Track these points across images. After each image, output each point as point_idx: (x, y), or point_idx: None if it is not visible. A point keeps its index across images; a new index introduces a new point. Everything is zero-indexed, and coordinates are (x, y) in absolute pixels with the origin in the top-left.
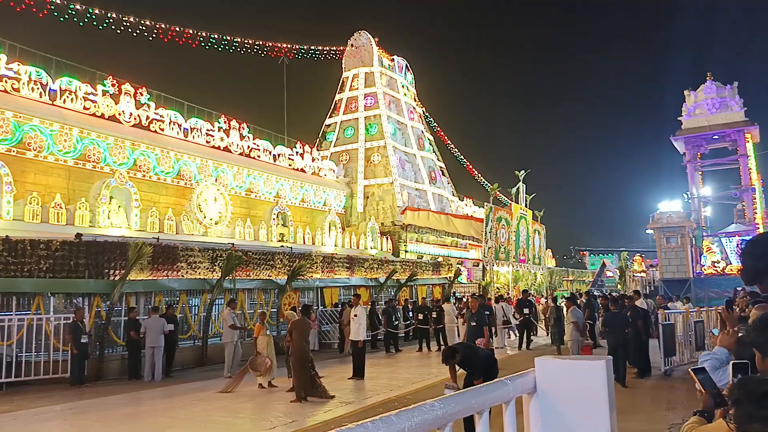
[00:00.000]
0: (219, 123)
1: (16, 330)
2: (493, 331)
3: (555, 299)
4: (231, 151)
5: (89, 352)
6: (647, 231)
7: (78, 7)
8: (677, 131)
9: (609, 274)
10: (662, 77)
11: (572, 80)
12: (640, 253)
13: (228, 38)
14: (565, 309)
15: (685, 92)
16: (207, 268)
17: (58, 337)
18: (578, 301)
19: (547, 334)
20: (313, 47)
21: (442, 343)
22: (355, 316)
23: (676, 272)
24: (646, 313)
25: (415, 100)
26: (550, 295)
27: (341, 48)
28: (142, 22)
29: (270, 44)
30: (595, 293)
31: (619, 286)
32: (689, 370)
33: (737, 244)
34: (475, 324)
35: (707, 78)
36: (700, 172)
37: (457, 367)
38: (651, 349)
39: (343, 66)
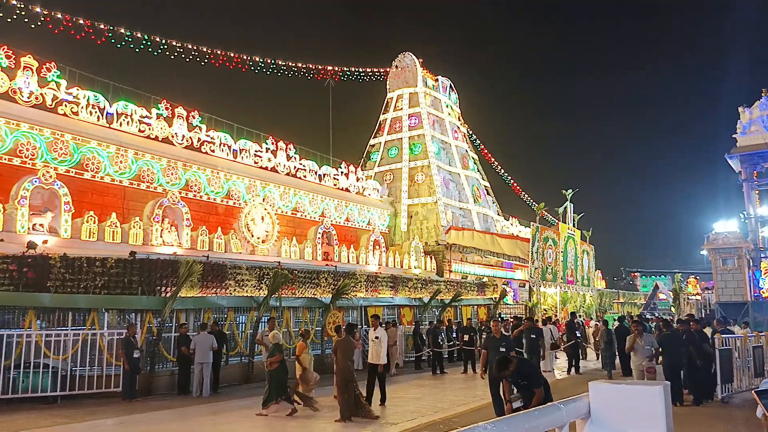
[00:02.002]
0: (267, 144)
1: (71, 344)
2: (541, 354)
3: (605, 322)
4: (278, 172)
5: (140, 367)
6: (702, 252)
7: (134, 34)
8: (732, 149)
9: (662, 296)
10: (716, 93)
11: (622, 97)
12: (695, 274)
13: (276, 62)
14: (633, 336)
15: (740, 109)
16: (254, 286)
17: (111, 352)
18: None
19: (597, 358)
20: (358, 69)
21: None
22: (376, 338)
23: (733, 295)
24: (701, 337)
25: (459, 120)
26: (600, 317)
27: (386, 69)
28: (195, 48)
29: (316, 67)
30: (647, 316)
31: (672, 309)
32: (753, 392)
33: None
34: (504, 350)
35: (762, 94)
36: (757, 191)
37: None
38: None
39: (388, 87)
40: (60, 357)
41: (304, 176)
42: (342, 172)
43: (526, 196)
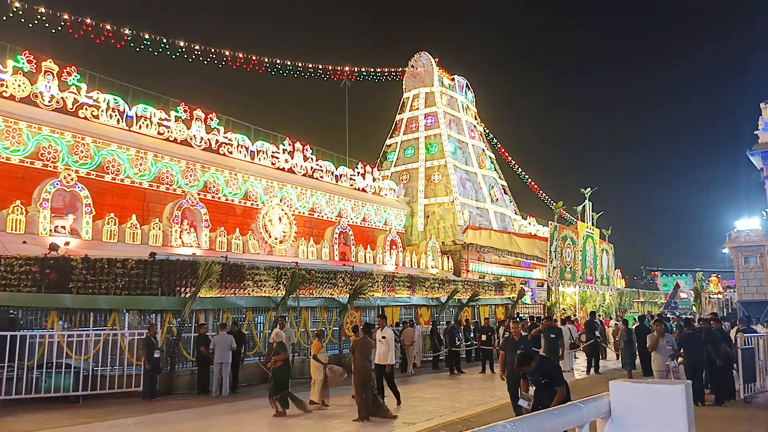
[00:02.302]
0: (284, 145)
1: (93, 345)
2: (560, 353)
3: (625, 321)
4: (295, 173)
5: (161, 366)
6: (724, 250)
7: (152, 37)
8: (754, 145)
9: (683, 295)
10: (738, 89)
11: (642, 93)
12: (717, 273)
13: (292, 63)
14: (655, 336)
15: (762, 105)
16: (272, 287)
17: (132, 352)
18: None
19: (617, 358)
20: (373, 69)
21: None
22: (383, 338)
23: (756, 294)
24: (722, 336)
25: (475, 119)
26: (620, 317)
27: (402, 69)
28: (212, 50)
29: (332, 68)
30: (668, 315)
31: (694, 308)
32: None
33: None
34: (521, 349)
35: None
36: None
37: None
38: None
39: (404, 87)
40: (82, 357)
41: (321, 177)
42: (358, 173)
43: (544, 195)
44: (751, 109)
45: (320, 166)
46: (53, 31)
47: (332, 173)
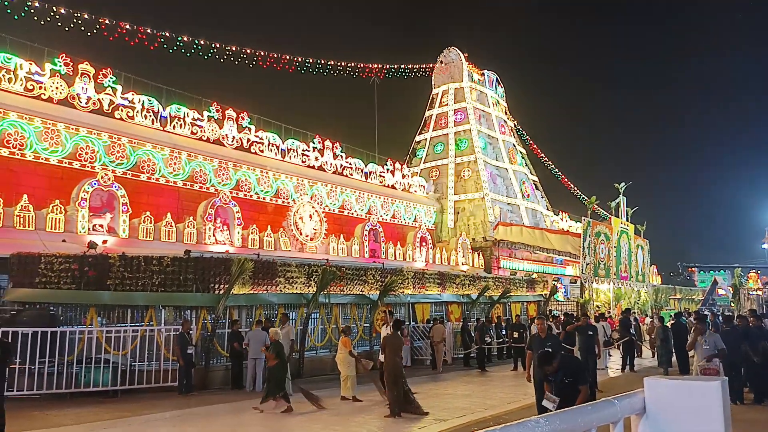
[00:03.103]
0: (314, 143)
1: (130, 340)
2: (597, 352)
3: (661, 319)
4: (325, 170)
5: (195, 362)
6: (763, 245)
7: (187, 39)
8: None
9: (721, 292)
10: None
11: (680, 84)
12: (756, 269)
13: (321, 61)
14: (693, 335)
15: None
16: (303, 283)
17: (168, 347)
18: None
19: (653, 356)
20: (403, 66)
21: None
22: (388, 335)
23: None
24: (761, 333)
25: (506, 114)
26: (656, 314)
27: (431, 65)
28: (243, 50)
29: (361, 65)
30: (705, 312)
31: (732, 305)
32: None
33: None
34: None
35: None
36: None
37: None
38: None
39: (433, 83)
40: (120, 352)
41: (351, 174)
42: (388, 170)
43: (577, 190)
44: None
45: (350, 164)
46: (89, 34)
47: (362, 170)
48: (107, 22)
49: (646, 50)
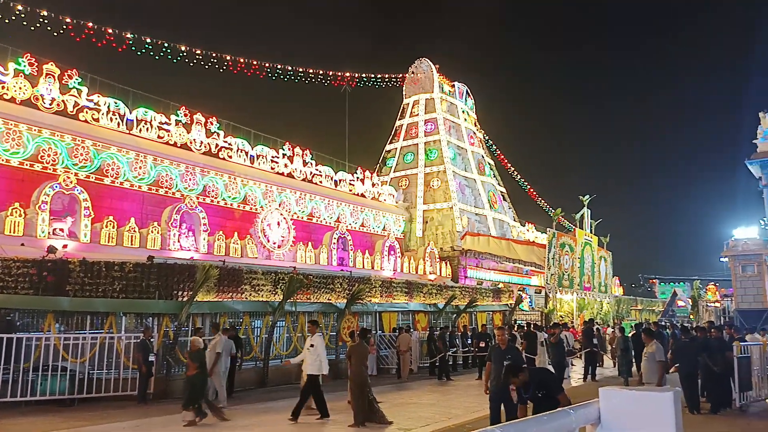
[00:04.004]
0: (283, 150)
1: (89, 348)
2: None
3: (622, 329)
4: (294, 177)
5: (155, 370)
6: (722, 259)
7: (153, 41)
8: (752, 154)
9: (680, 303)
10: (737, 99)
11: (640, 101)
12: (714, 281)
13: (292, 68)
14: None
15: (761, 114)
16: (270, 291)
17: (128, 355)
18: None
19: (614, 365)
20: (374, 75)
21: None
22: (312, 346)
23: (753, 302)
24: (721, 345)
25: (475, 125)
26: (617, 324)
27: (402, 75)
28: (213, 54)
29: (332, 73)
30: (663, 323)
31: (691, 317)
32: None
33: None
34: (510, 360)
35: None
36: None
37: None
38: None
39: (404, 93)
40: (78, 360)
41: (320, 182)
42: (358, 178)
43: (543, 201)
44: (751, 118)
45: (319, 171)
46: (55, 34)
47: (331, 178)
48: (74, 22)
49: (612, 67)
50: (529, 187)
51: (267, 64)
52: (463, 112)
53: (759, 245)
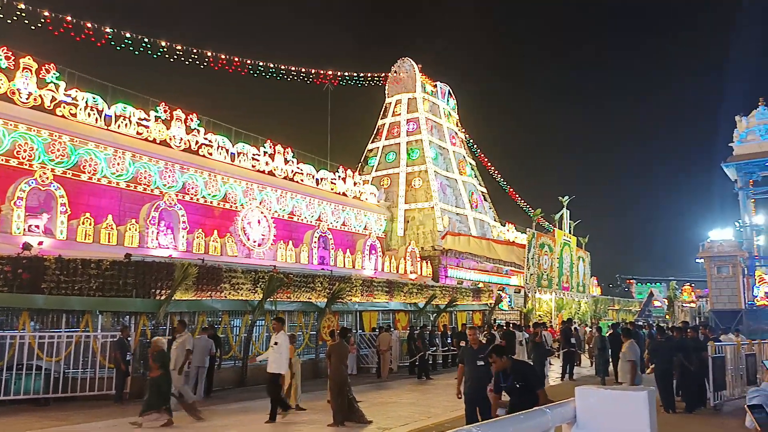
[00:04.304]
0: (265, 148)
1: (64, 347)
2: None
3: (599, 329)
4: (275, 175)
5: (131, 370)
6: (697, 260)
7: (133, 36)
8: (728, 157)
9: (657, 303)
10: (714, 102)
11: (621, 105)
12: (690, 282)
13: (275, 66)
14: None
15: (737, 118)
16: (249, 290)
17: (105, 354)
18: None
19: (591, 365)
20: (356, 74)
21: None
22: (275, 344)
23: (728, 303)
24: (696, 345)
25: (457, 126)
26: (594, 324)
27: (384, 75)
28: (194, 50)
29: (315, 71)
30: (640, 323)
31: (667, 317)
32: (746, 406)
33: None
34: (482, 364)
35: (759, 103)
36: (753, 200)
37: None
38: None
39: (387, 92)
40: (53, 359)
41: (302, 180)
42: (339, 177)
43: (523, 202)
44: (728, 122)
45: (301, 170)
46: (32, 27)
47: (313, 177)
48: (52, 15)
49: (594, 71)
50: (509, 187)
51: (249, 61)
52: (445, 112)
53: (734, 247)
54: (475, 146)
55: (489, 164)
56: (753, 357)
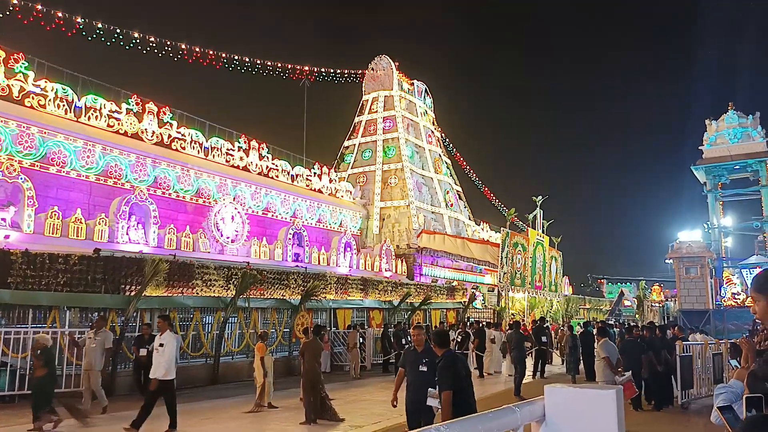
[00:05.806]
0: (239, 143)
1: (31, 343)
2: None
3: (571, 327)
4: (250, 171)
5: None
6: (666, 261)
7: (105, 27)
8: (698, 160)
9: (627, 303)
10: (684, 106)
11: (593, 107)
12: (659, 282)
13: (250, 60)
14: (596, 342)
15: (707, 121)
16: (222, 286)
17: (72, 351)
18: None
19: (563, 363)
20: (333, 70)
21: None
22: (161, 345)
23: (696, 303)
24: (664, 344)
25: (433, 124)
26: (566, 322)
27: (362, 72)
28: (168, 42)
29: (291, 67)
30: (611, 322)
31: (636, 316)
32: (716, 407)
33: None
34: (426, 369)
35: (729, 107)
36: (721, 202)
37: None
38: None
39: (363, 89)
40: (19, 355)
41: (277, 176)
42: (315, 173)
43: (497, 201)
44: (697, 126)
45: (276, 165)
46: (0, 16)
47: (288, 173)
48: (21, 3)
49: (566, 71)
50: (484, 187)
51: (224, 54)
52: (421, 110)
53: (702, 248)
54: (450, 145)
55: (464, 163)
56: (719, 356)
